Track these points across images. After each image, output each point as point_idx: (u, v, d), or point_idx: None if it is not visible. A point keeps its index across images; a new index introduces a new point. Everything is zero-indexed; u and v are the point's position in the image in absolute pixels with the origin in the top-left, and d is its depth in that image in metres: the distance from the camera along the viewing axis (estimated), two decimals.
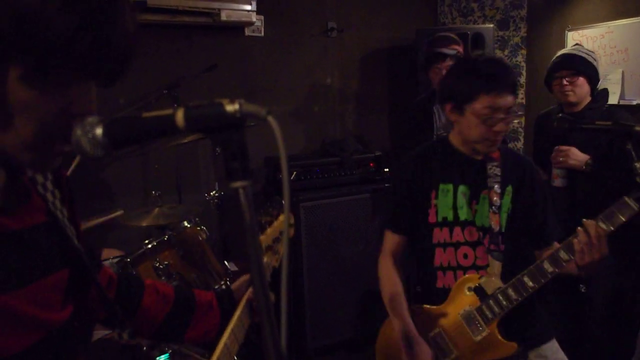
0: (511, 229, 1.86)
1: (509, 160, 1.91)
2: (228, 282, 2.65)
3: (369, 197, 3.61)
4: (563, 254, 1.65)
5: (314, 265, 3.46)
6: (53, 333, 0.80)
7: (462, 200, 1.87)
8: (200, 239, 2.75)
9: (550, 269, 1.67)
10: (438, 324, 1.86)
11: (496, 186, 1.84)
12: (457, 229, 1.88)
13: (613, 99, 3.54)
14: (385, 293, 1.98)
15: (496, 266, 1.80)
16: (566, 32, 4.00)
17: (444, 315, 1.86)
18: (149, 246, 2.55)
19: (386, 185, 3.66)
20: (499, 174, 1.85)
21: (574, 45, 3.42)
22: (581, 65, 2.69)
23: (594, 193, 2.61)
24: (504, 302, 1.73)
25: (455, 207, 1.88)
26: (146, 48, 3.45)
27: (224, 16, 3.34)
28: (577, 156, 2.57)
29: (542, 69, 3.03)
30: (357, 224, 3.57)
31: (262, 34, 3.80)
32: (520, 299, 1.73)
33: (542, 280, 1.68)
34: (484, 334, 1.77)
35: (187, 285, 2.57)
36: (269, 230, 1.39)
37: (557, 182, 2.72)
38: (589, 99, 2.73)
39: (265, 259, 1.39)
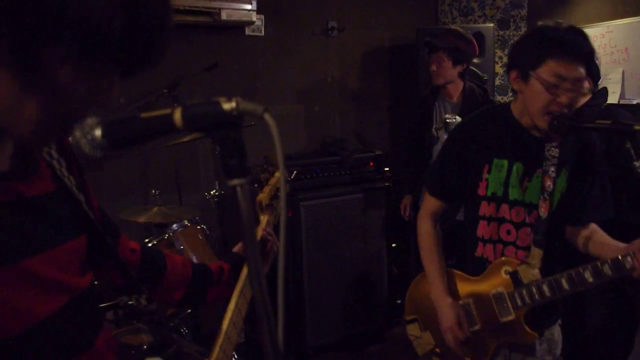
0: (560, 211, 1.81)
1: (570, 140, 1.79)
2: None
3: (369, 196, 3.61)
4: (607, 270, 1.59)
5: (314, 264, 3.46)
6: (76, 298, 0.82)
7: (515, 178, 1.79)
8: (200, 237, 2.76)
9: (591, 280, 1.62)
10: (469, 294, 1.87)
11: (551, 169, 1.74)
12: (505, 207, 1.81)
13: (613, 98, 3.54)
14: (424, 251, 1.96)
15: (537, 254, 1.75)
16: None
17: (476, 288, 1.85)
18: (149, 245, 2.56)
19: (386, 184, 3.67)
20: (557, 155, 1.75)
21: None
22: None
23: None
24: (537, 296, 1.71)
25: (506, 184, 1.80)
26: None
27: (224, 15, 3.35)
28: None
29: None
30: (357, 223, 3.58)
31: (263, 33, 3.81)
32: (553, 297, 1.71)
33: (580, 288, 1.64)
34: (510, 318, 1.77)
35: None
36: (266, 189, 1.44)
37: None
38: (588, 96, 2.72)
39: (265, 218, 1.43)
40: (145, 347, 1.45)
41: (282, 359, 0.71)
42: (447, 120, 2.84)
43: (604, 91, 2.78)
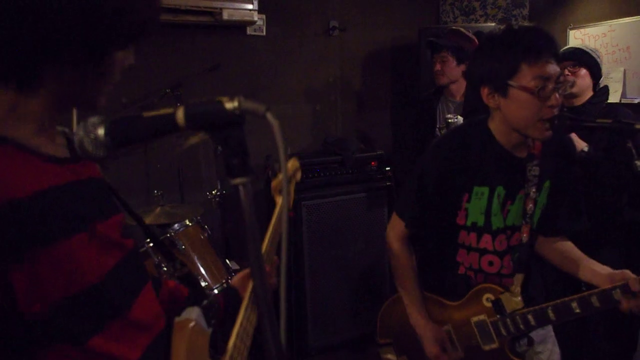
0: (539, 226, 1.76)
1: (550, 149, 1.70)
2: (229, 280, 2.66)
3: (370, 196, 3.62)
4: (595, 300, 1.53)
5: (316, 263, 3.47)
6: (128, 254, 1.00)
7: (496, 206, 1.69)
8: (202, 237, 2.76)
9: (578, 310, 1.56)
10: (449, 320, 1.80)
11: (532, 190, 1.66)
12: (487, 237, 1.73)
13: (615, 98, 3.54)
14: (397, 274, 1.88)
15: (519, 279, 1.69)
16: (568, 30, 4.00)
17: (457, 314, 1.79)
18: (151, 245, 2.56)
19: (387, 184, 3.67)
20: (537, 174, 1.66)
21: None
22: (583, 57, 2.70)
23: (585, 181, 2.60)
24: (521, 326, 1.67)
25: (488, 213, 1.70)
26: (148, 47, 3.46)
27: (225, 15, 3.35)
28: (575, 140, 2.55)
29: None
30: (358, 223, 3.58)
31: (264, 33, 3.81)
32: (538, 327, 1.67)
33: (566, 318, 1.60)
34: (494, 346, 1.72)
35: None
36: (279, 175, 1.56)
37: None
38: (590, 93, 2.72)
39: (280, 200, 1.54)
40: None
41: (285, 359, 0.71)
42: (449, 121, 2.84)
43: (605, 90, 2.78)
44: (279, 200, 1.54)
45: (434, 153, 1.77)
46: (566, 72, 2.70)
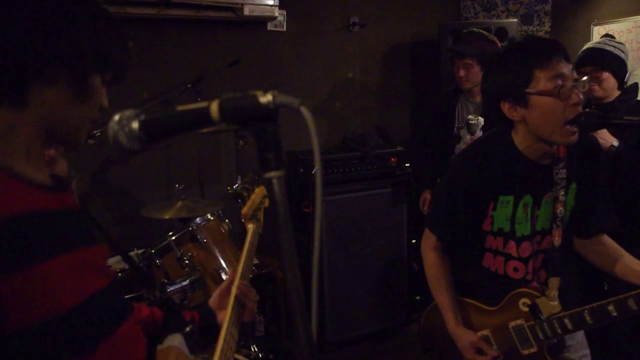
0: (570, 227, 1.77)
1: (576, 151, 1.71)
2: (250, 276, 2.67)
3: (390, 192, 3.61)
4: (632, 303, 1.52)
5: (334, 259, 3.47)
6: (114, 281, 1.01)
7: (521, 215, 1.71)
8: (223, 231, 2.78)
9: (615, 314, 1.55)
10: (488, 325, 1.81)
11: (561, 193, 1.67)
12: (512, 243, 1.75)
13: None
14: (432, 283, 1.90)
15: (554, 283, 1.69)
16: (592, 26, 3.94)
17: (495, 319, 1.80)
18: (173, 238, 2.59)
19: (407, 180, 3.65)
20: (565, 176, 1.67)
21: (603, 36, 3.36)
22: (605, 59, 2.64)
23: (614, 177, 2.57)
24: (559, 330, 1.66)
25: (513, 221, 1.72)
26: (170, 43, 3.49)
27: (246, 11, 3.36)
28: (606, 135, 2.52)
29: None
30: (377, 219, 3.58)
31: (285, 28, 3.82)
32: (576, 330, 1.67)
33: (604, 322, 1.59)
34: (532, 350, 1.73)
35: (210, 277, 2.61)
36: (249, 203, 1.60)
37: None
38: (617, 91, 2.69)
39: (252, 226, 1.57)
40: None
41: (315, 350, 0.72)
42: (471, 122, 2.83)
43: (635, 87, 2.75)
44: (250, 227, 1.57)
45: (458, 166, 1.83)
46: (588, 78, 2.65)
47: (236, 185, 3.17)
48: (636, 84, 2.78)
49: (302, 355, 0.71)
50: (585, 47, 2.80)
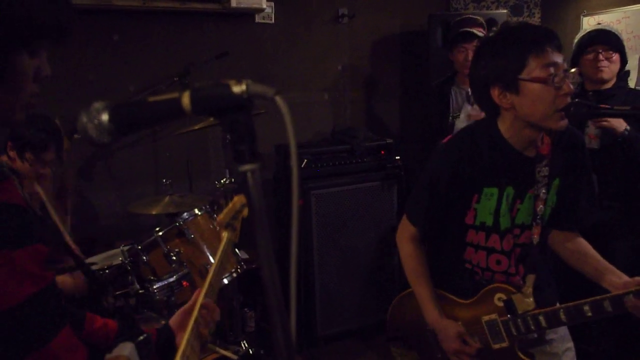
0: (550, 223, 1.76)
1: (560, 146, 1.69)
2: (238, 270, 2.65)
3: (379, 185, 3.59)
4: (607, 305, 1.52)
5: (324, 253, 3.46)
6: (46, 288, 0.92)
7: (505, 207, 1.69)
8: (211, 226, 2.75)
9: (590, 314, 1.55)
10: (460, 318, 1.79)
11: (542, 191, 1.66)
12: (495, 237, 1.73)
13: (630, 85, 3.48)
14: (410, 274, 1.86)
15: (530, 280, 1.69)
16: (582, 17, 3.93)
17: (468, 312, 1.78)
18: (160, 234, 2.55)
19: (397, 173, 3.64)
20: (547, 174, 1.66)
21: (598, 24, 3.36)
22: (617, 41, 2.63)
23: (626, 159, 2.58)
24: (532, 327, 1.66)
25: (497, 213, 1.70)
26: (156, 35, 3.44)
27: (234, 3, 3.32)
28: (619, 120, 2.51)
29: None
30: (367, 212, 3.56)
31: (273, 21, 3.78)
32: (549, 328, 1.67)
33: (578, 321, 1.60)
34: (504, 345, 1.72)
35: (198, 273, 2.58)
36: (225, 210, 1.53)
37: (593, 144, 2.64)
38: (615, 79, 2.68)
39: (226, 235, 1.52)
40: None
41: (294, 349, 0.69)
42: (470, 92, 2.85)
43: (627, 74, 2.76)
44: (224, 235, 1.53)
45: (443, 155, 1.76)
46: (600, 57, 2.62)
47: (224, 180, 3.16)
48: (627, 71, 2.77)
49: (281, 353, 0.68)
50: (591, 29, 2.79)
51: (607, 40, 2.63)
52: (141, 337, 1.14)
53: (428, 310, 1.80)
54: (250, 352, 2.92)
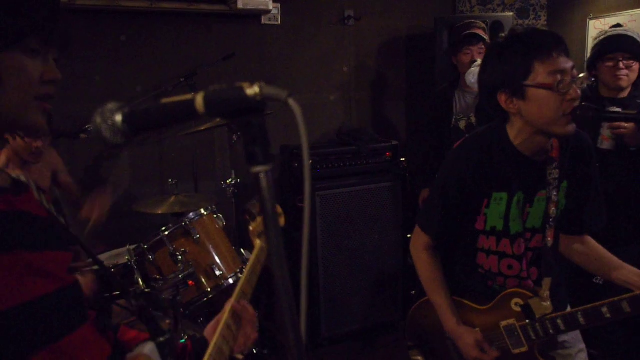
0: (565, 224, 1.77)
1: (568, 149, 1.69)
2: (243, 270, 2.65)
3: (385, 187, 3.59)
4: (626, 306, 1.53)
5: (329, 254, 3.46)
6: (65, 288, 0.93)
7: (515, 211, 1.69)
8: (217, 226, 2.76)
9: (608, 316, 1.56)
10: (478, 324, 1.80)
11: (554, 194, 1.66)
12: (506, 241, 1.73)
13: None
14: (426, 283, 1.86)
15: (547, 283, 1.68)
16: (588, 20, 3.92)
17: (485, 318, 1.78)
18: (166, 233, 2.57)
19: (402, 175, 3.64)
20: (557, 176, 1.66)
21: (615, 25, 3.31)
22: (638, 49, 2.57)
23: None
24: (551, 331, 1.67)
25: (507, 218, 1.70)
26: (163, 36, 3.46)
27: (240, 4, 3.33)
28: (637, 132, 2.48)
29: None
30: (373, 214, 3.57)
31: (279, 22, 3.79)
32: (568, 331, 1.67)
33: (597, 323, 1.60)
34: (523, 349, 1.72)
35: (203, 273, 2.59)
36: (259, 219, 1.54)
37: (606, 145, 2.62)
38: (631, 87, 2.66)
39: (260, 243, 1.53)
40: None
41: (304, 350, 0.70)
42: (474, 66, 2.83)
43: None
44: (258, 243, 1.54)
45: (453, 161, 1.78)
46: (621, 65, 2.58)
47: (230, 180, 3.16)
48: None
49: (292, 354, 0.69)
50: (611, 33, 2.72)
51: (629, 48, 2.58)
52: (162, 338, 1.14)
53: (446, 319, 1.80)
54: (254, 351, 2.92)
